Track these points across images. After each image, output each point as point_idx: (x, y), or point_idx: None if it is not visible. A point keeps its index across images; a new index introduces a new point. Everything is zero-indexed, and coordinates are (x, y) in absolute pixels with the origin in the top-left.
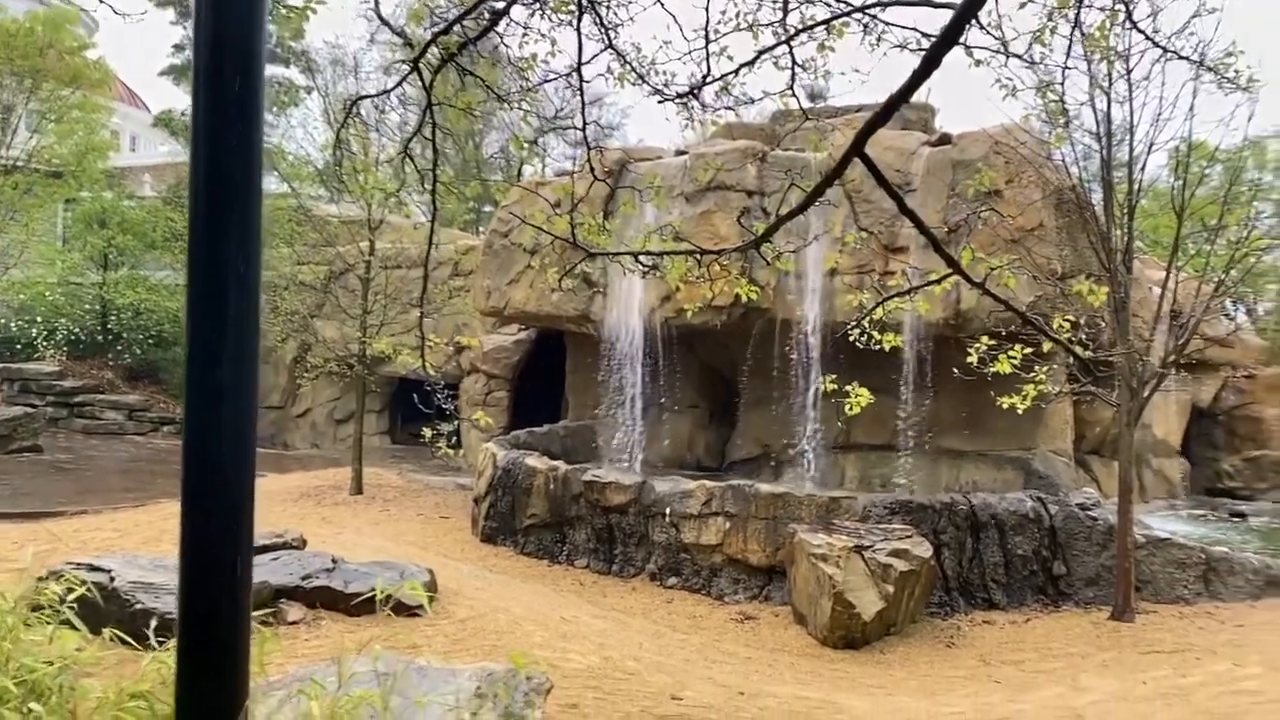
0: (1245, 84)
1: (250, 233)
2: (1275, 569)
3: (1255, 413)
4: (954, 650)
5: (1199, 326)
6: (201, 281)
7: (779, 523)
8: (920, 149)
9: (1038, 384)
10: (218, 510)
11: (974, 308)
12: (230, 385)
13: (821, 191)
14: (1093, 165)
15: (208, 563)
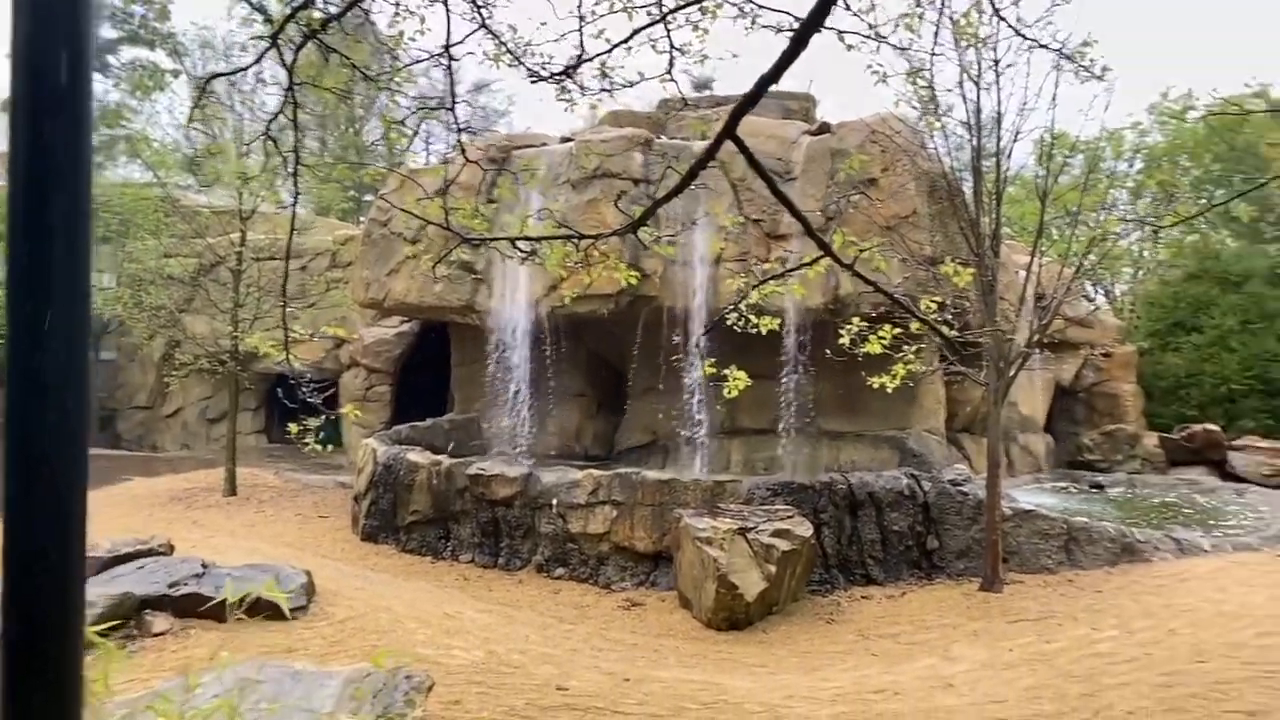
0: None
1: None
2: (1129, 537)
3: (1112, 389)
4: (834, 626)
5: (1060, 308)
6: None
7: (666, 509)
8: (801, 138)
9: (906, 364)
10: (44, 514)
11: (852, 293)
12: (57, 374)
13: (694, 175)
14: (965, 154)
15: (33, 573)
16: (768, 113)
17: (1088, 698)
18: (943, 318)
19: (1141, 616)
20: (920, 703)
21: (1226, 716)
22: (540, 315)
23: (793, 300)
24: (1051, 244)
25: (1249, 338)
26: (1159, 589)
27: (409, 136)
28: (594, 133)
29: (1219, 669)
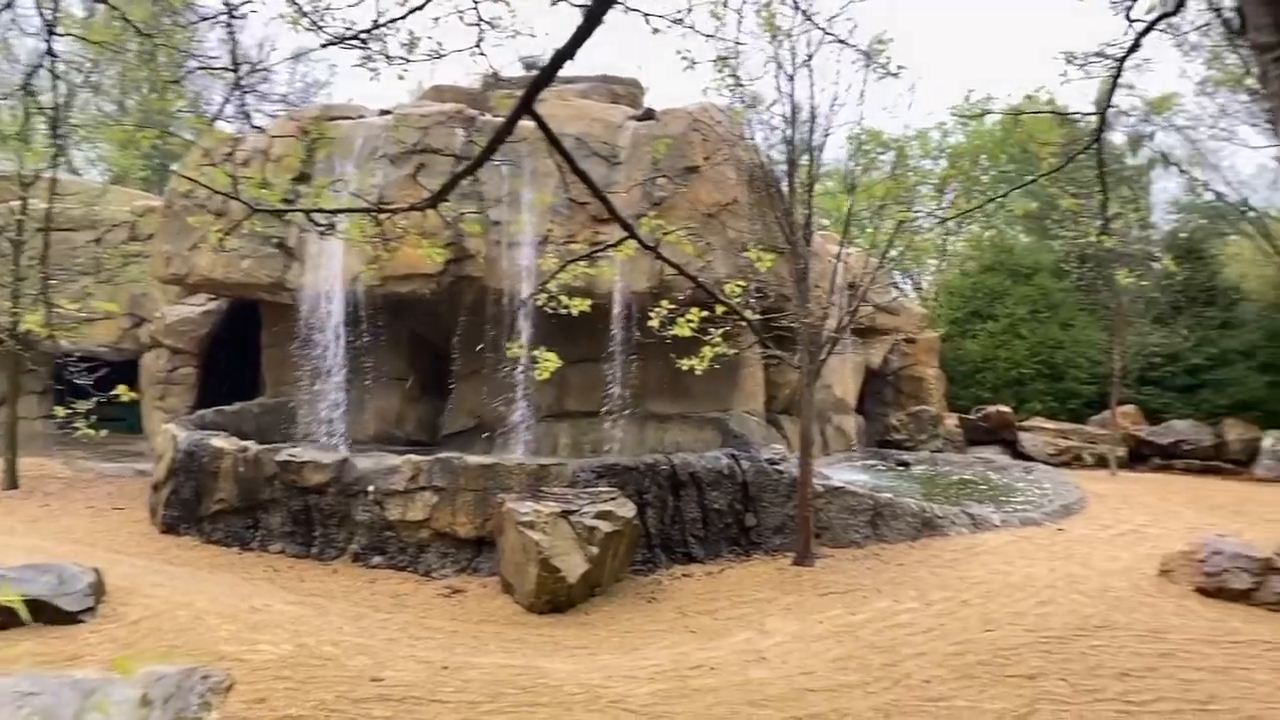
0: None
1: None
2: (929, 512)
3: (917, 373)
4: (655, 604)
5: (867, 296)
6: None
7: (489, 494)
8: (627, 123)
9: (714, 346)
10: None
11: (677, 276)
12: None
13: (493, 149)
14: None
15: None
16: (596, 96)
17: (889, 667)
18: (747, 301)
19: (938, 588)
20: (735, 676)
21: (1010, 680)
22: (357, 294)
23: (620, 284)
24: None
25: (1037, 326)
26: (954, 562)
27: (218, 104)
28: (414, 107)
29: (1004, 636)
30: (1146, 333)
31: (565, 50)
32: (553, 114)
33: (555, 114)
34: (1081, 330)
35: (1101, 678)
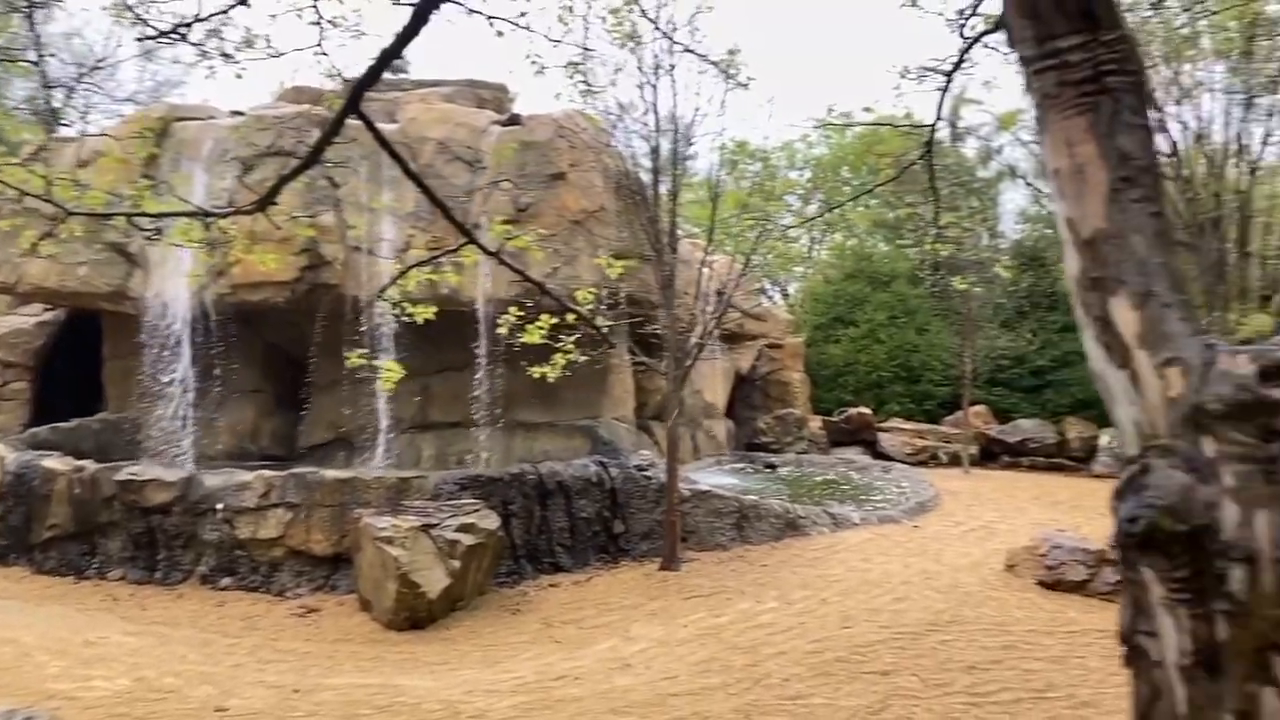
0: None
1: None
2: (793, 513)
3: (784, 377)
4: (519, 616)
5: (732, 303)
6: None
7: (346, 509)
8: (490, 128)
9: (566, 353)
10: None
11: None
12: None
13: (320, 150)
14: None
15: None
16: (462, 100)
17: (750, 668)
18: (599, 308)
19: (799, 588)
20: (599, 685)
21: (865, 677)
22: (205, 303)
23: (482, 290)
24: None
25: (895, 331)
26: (815, 561)
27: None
28: (268, 108)
29: (861, 633)
30: (994, 336)
31: (391, 50)
32: (415, 118)
33: (417, 118)
34: (936, 335)
35: (950, 671)
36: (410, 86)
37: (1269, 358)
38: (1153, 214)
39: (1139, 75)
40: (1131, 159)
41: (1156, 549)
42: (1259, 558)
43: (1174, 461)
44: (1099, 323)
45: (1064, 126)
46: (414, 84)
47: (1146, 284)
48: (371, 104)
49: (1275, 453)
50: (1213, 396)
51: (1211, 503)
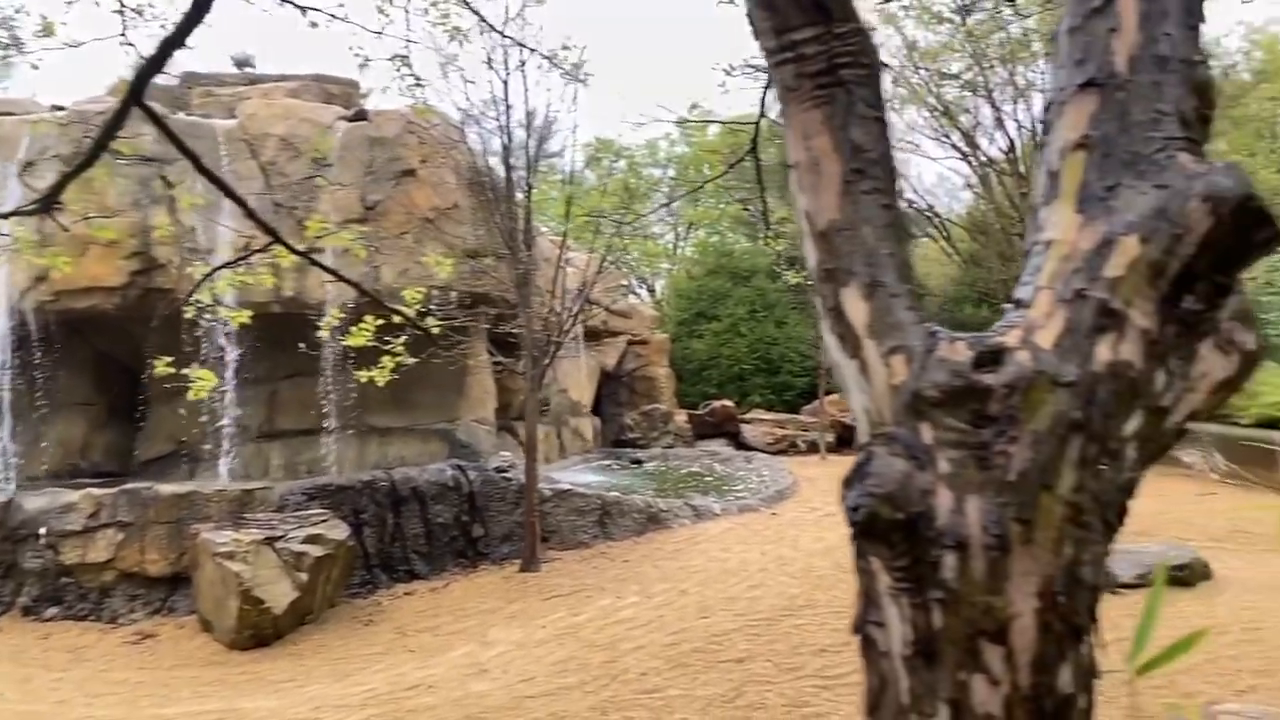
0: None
1: None
2: (654, 507)
3: (650, 373)
4: (372, 627)
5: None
6: None
7: (184, 526)
8: (337, 123)
9: (394, 355)
10: None
11: (390, 284)
12: None
13: (103, 145)
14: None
15: None
16: (308, 95)
17: (608, 664)
18: (428, 308)
19: (660, 580)
20: (453, 692)
21: (721, 665)
22: (25, 311)
23: (332, 293)
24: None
25: (755, 324)
26: (676, 553)
27: None
28: (92, 103)
29: (718, 623)
30: None
31: (174, 38)
32: (254, 113)
33: (257, 113)
34: (794, 327)
35: (802, 655)
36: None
37: (985, 344)
38: (884, 205)
39: (873, 68)
40: (864, 151)
41: (878, 537)
42: (969, 544)
43: (895, 449)
44: (833, 313)
45: (802, 119)
46: (256, 78)
47: (875, 274)
48: (212, 100)
49: (986, 438)
50: (929, 383)
51: (927, 490)
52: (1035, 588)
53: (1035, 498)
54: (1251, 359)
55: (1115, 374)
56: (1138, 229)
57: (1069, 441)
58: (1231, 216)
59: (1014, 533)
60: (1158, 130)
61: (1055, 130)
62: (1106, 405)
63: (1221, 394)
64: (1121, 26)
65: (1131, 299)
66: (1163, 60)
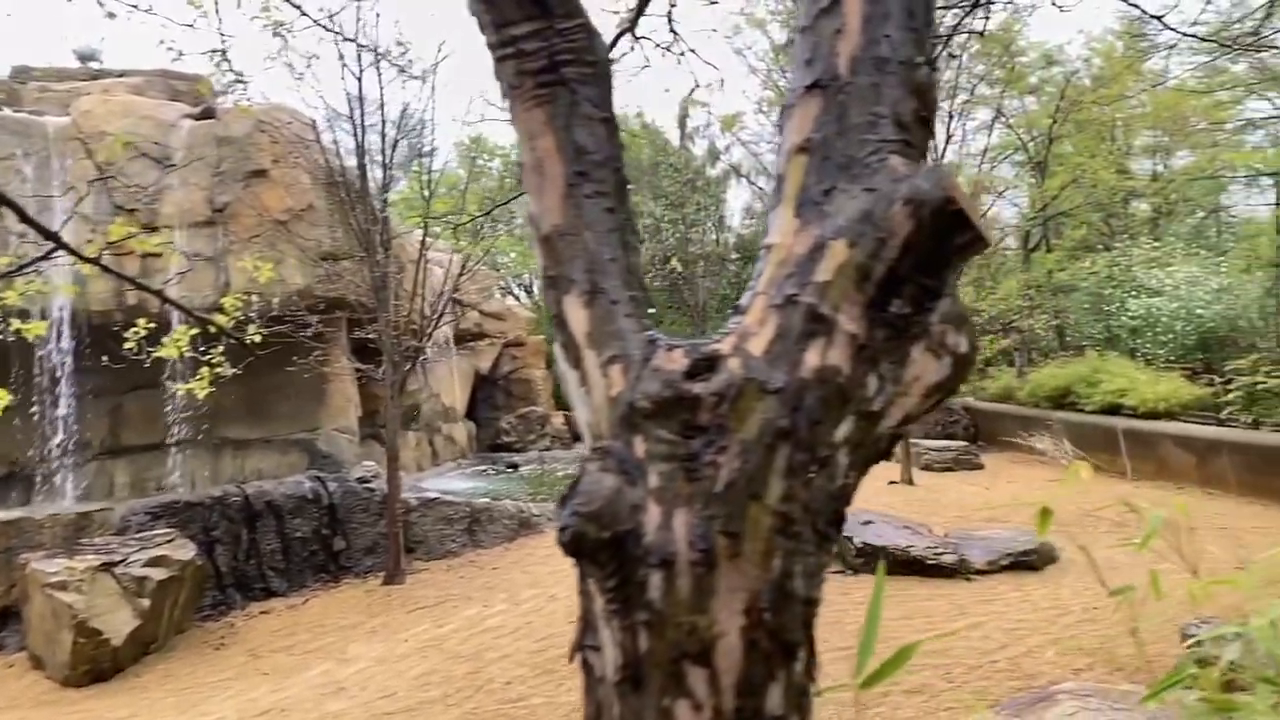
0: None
1: None
2: (526, 512)
3: (526, 375)
4: (224, 651)
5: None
6: None
7: (13, 555)
8: (181, 121)
9: (214, 366)
10: None
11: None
12: None
13: None
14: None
15: None
16: (154, 92)
17: (473, 675)
18: (248, 315)
19: (529, 587)
20: (308, 715)
21: None
22: None
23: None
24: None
25: None
26: (547, 558)
27: None
28: None
29: None
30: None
31: None
32: (90, 110)
33: (93, 110)
34: (670, 326)
35: None
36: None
37: (699, 353)
38: (607, 209)
39: (599, 66)
40: (587, 153)
41: (587, 557)
42: (676, 560)
43: (607, 464)
44: (556, 321)
45: (526, 119)
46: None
47: (597, 281)
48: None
49: (696, 449)
50: (642, 394)
51: (637, 505)
52: (742, 604)
53: (743, 509)
54: (964, 362)
55: (823, 380)
56: (845, 233)
57: (777, 450)
58: (931, 220)
59: (721, 547)
60: (874, 133)
61: (784, 133)
62: (815, 412)
63: (935, 397)
64: (846, 28)
65: (840, 303)
66: (882, 62)
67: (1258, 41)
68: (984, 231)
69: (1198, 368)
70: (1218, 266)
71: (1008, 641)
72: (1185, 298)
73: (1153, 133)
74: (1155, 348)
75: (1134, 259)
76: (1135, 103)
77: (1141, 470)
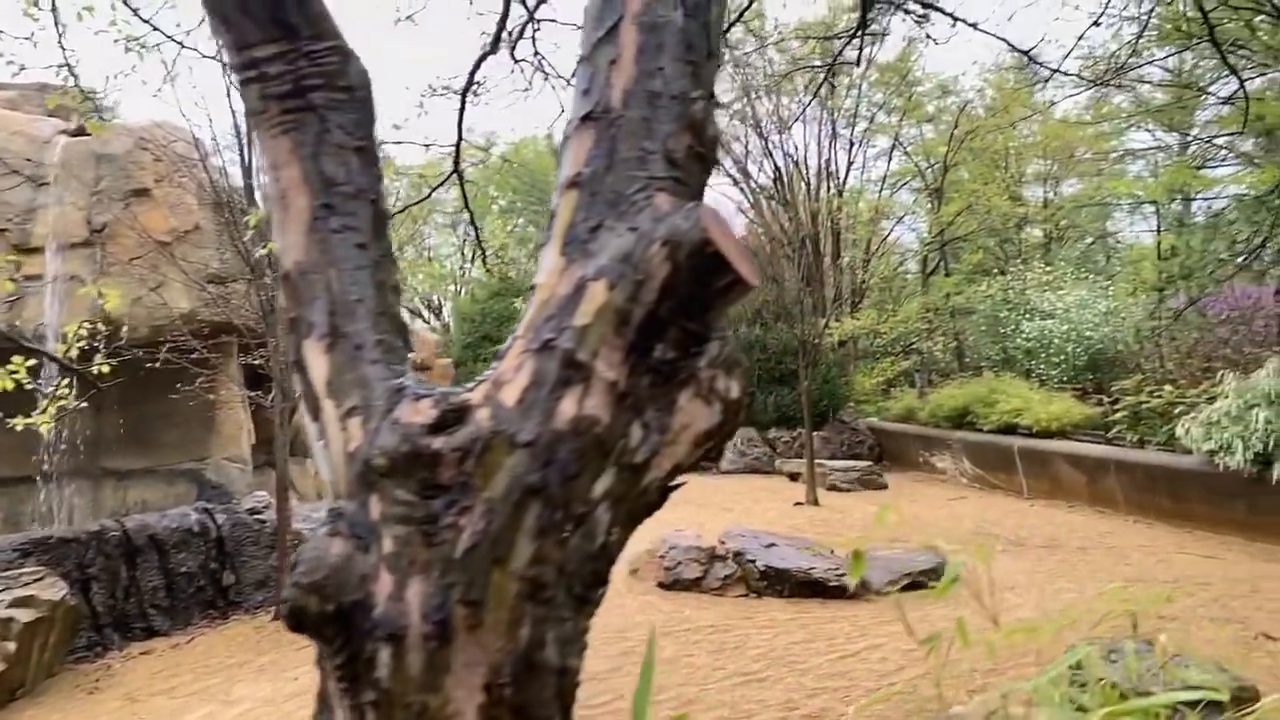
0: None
1: None
2: None
3: None
4: (97, 695)
5: None
6: None
7: None
8: (56, 138)
9: (56, 399)
10: None
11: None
12: None
13: None
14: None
15: None
16: (29, 106)
17: None
18: (93, 344)
19: None
20: None
21: None
22: None
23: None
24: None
25: None
26: None
27: None
28: None
29: None
30: None
31: None
32: None
33: None
34: None
35: None
36: None
37: (449, 403)
38: (358, 245)
39: (356, 91)
40: (337, 185)
41: (312, 632)
42: (407, 634)
43: (338, 528)
44: (296, 368)
45: (272, 147)
46: None
47: (340, 324)
48: None
49: (436, 510)
50: (378, 449)
51: (367, 574)
52: (481, 679)
53: (486, 574)
54: (735, 407)
55: (580, 431)
56: (606, 274)
57: (527, 508)
58: (689, 262)
59: (459, 617)
60: (643, 169)
61: (561, 165)
62: (570, 466)
63: (707, 445)
64: (621, 58)
65: (598, 349)
66: (655, 95)
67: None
68: (745, 274)
69: (1088, 388)
70: (1105, 290)
71: (905, 663)
72: (1075, 320)
73: (1043, 161)
74: (1049, 369)
75: (1027, 283)
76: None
77: (1037, 489)
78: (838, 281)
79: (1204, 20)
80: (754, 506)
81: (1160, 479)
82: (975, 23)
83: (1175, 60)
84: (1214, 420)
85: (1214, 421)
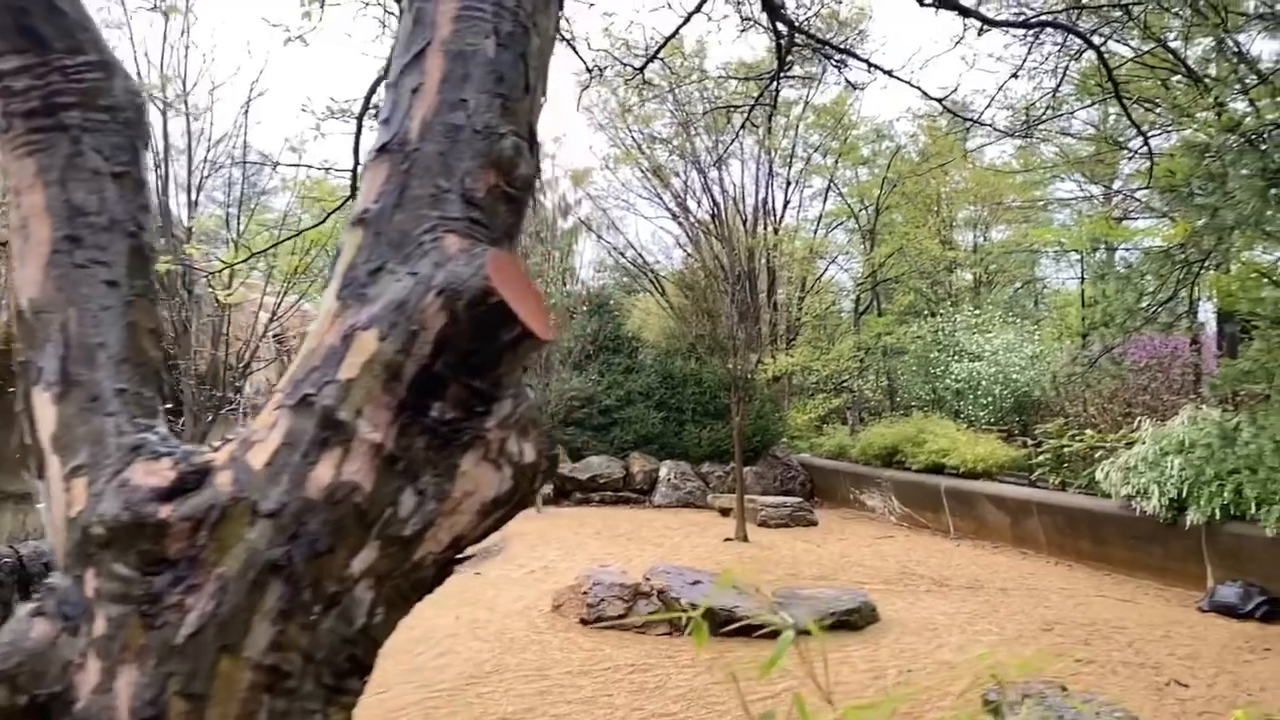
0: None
1: None
2: None
3: None
4: None
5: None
6: None
7: None
8: None
9: None
10: None
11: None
12: None
13: None
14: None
15: None
16: None
17: None
18: None
19: None
20: None
21: None
22: None
23: None
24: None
25: None
26: None
27: None
28: None
29: (396, 696)
30: (567, 379)
31: None
32: None
33: None
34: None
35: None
36: None
37: (191, 464)
38: (107, 282)
39: (120, 112)
40: (86, 214)
41: None
42: None
43: (46, 606)
44: (24, 418)
45: (16, 170)
46: None
47: (74, 371)
48: None
49: (159, 589)
50: (98, 516)
51: (73, 661)
52: None
53: (212, 663)
54: (528, 472)
55: (335, 499)
56: (378, 322)
57: (267, 587)
58: (468, 313)
59: (176, 712)
60: (435, 208)
61: (358, 201)
62: (321, 539)
63: (496, 514)
64: (424, 87)
65: (362, 406)
66: (456, 129)
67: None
68: (535, 328)
69: (1014, 430)
70: (1032, 335)
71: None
72: (1003, 363)
73: (973, 207)
74: (977, 410)
75: (957, 325)
76: (957, 178)
77: (963, 529)
78: (773, 318)
79: (1108, 78)
80: (683, 542)
81: (1081, 522)
82: (891, 70)
83: (1099, 112)
84: (1132, 465)
85: (1131, 467)
